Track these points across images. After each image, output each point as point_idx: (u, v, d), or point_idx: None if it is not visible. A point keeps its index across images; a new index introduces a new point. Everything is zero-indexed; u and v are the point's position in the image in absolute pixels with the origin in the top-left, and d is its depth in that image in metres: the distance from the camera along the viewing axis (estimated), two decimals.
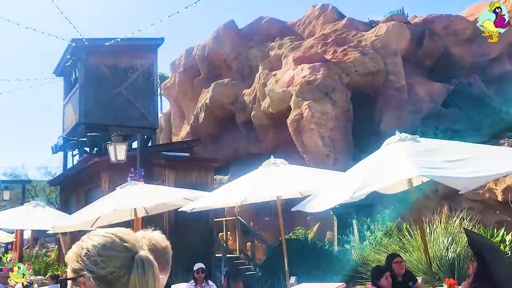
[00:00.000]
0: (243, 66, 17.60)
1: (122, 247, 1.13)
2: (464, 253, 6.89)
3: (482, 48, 17.32)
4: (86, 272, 1.10)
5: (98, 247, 1.12)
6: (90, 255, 1.11)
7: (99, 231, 1.20)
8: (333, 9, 17.16)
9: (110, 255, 1.11)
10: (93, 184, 12.50)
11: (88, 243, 1.15)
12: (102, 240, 1.14)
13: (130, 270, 1.10)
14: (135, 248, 1.14)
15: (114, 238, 1.14)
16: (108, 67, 15.55)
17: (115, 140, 9.57)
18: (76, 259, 1.14)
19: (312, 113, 11.07)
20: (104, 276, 1.09)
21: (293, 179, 5.19)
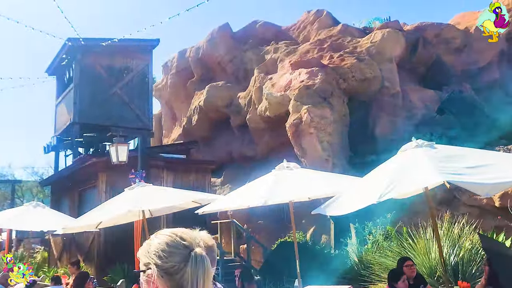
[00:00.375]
0: (238, 69, 17.66)
1: (181, 245, 1.33)
2: (467, 257, 7.05)
3: (472, 56, 17.68)
4: (153, 265, 1.30)
5: (162, 245, 1.32)
6: (156, 251, 1.32)
7: (164, 231, 1.40)
8: (327, 14, 17.35)
9: (171, 252, 1.31)
10: (89, 185, 12.40)
11: (154, 241, 1.35)
12: (165, 238, 1.34)
13: (189, 263, 1.30)
14: (192, 246, 1.34)
15: (175, 237, 1.34)
16: (104, 67, 15.46)
17: (117, 141, 9.52)
18: (145, 254, 1.35)
19: (312, 118, 11.19)
20: (167, 269, 1.29)
21: (310, 182, 5.28)
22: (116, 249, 11.38)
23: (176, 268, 1.29)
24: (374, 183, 4.42)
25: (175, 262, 1.29)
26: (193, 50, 19.51)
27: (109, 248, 11.66)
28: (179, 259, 1.30)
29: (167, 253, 1.30)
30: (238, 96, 16.51)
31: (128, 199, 6.74)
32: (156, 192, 7.05)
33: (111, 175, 11.94)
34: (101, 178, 11.87)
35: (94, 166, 11.93)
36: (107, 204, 7.28)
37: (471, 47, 17.65)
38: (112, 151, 9.55)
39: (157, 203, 6.79)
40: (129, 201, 6.74)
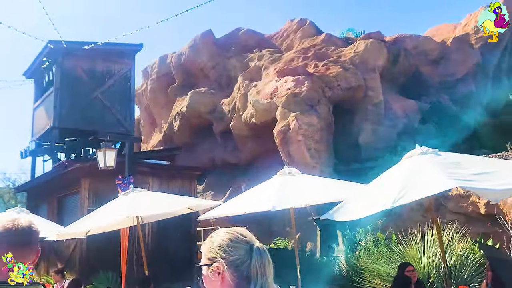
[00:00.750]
0: (221, 76, 17.63)
1: (243, 240, 1.51)
2: (459, 263, 7.20)
3: (449, 68, 18.18)
4: (220, 259, 1.47)
5: (226, 241, 1.50)
6: (221, 246, 1.49)
7: (222, 230, 1.58)
8: (310, 24, 17.57)
9: (235, 246, 1.49)
10: (71, 191, 12.08)
11: (217, 238, 1.53)
12: (228, 235, 1.52)
13: (251, 256, 1.47)
14: (252, 241, 1.52)
15: (236, 234, 1.53)
16: (85, 71, 15.16)
17: (104, 146, 9.32)
18: (210, 250, 1.52)
19: (300, 125, 11.26)
20: (233, 261, 1.47)
21: (316, 187, 5.29)
22: (99, 257, 11.11)
23: (241, 260, 1.47)
24: (384, 188, 4.47)
25: (240, 255, 1.47)
26: (175, 56, 19.38)
27: (92, 256, 11.38)
28: (243, 253, 1.47)
29: (232, 247, 1.48)
30: (222, 102, 16.47)
31: (124, 204, 6.59)
32: (152, 198, 6.93)
33: (94, 181, 11.70)
34: (84, 184, 11.60)
35: (77, 172, 11.65)
36: (102, 209, 7.09)
37: (448, 59, 18.16)
38: (100, 156, 9.35)
39: (154, 208, 6.67)
40: (126, 206, 6.59)
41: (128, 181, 9.70)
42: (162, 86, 20.50)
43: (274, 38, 18.47)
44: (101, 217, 6.74)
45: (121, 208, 6.63)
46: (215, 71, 17.90)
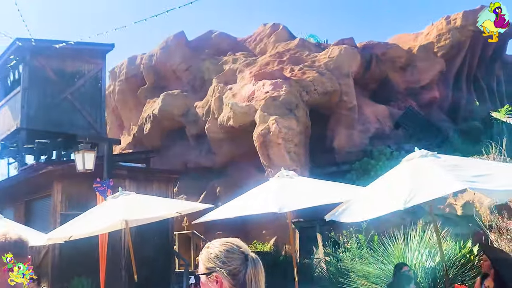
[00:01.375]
0: (195, 78, 17.47)
1: (239, 251, 1.63)
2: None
3: (414, 75, 18.78)
4: (218, 268, 1.59)
5: (223, 252, 1.62)
6: (219, 257, 1.60)
7: (217, 241, 1.70)
8: (284, 28, 17.72)
9: (232, 257, 1.61)
10: (41, 194, 11.59)
11: (215, 249, 1.64)
12: (224, 247, 1.64)
13: (246, 265, 1.60)
14: (247, 252, 1.64)
15: (232, 245, 1.65)
16: (54, 71, 14.67)
17: (83, 148, 9.01)
18: (208, 260, 1.63)
19: (280, 128, 11.31)
20: (230, 270, 1.58)
21: (317, 189, 5.32)
22: (74, 263, 10.71)
23: (237, 269, 1.60)
24: (392, 190, 4.55)
25: (236, 265, 1.60)
26: (146, 57, 19.04)
27: (66, 262, 10.94)
28: (239, 263, 1.60)
29: (229, 258, 1.61)
30: (195, 105, 16.31)
31: (114, 207, 6.38)
32: (142, 201, 6.74)
33: (68, 184, 11.28)
34: (57, 188, 11.14)
35: (49, 175, 11.18)
36: (90, 213, 6.83)
37: (415, 66, 18.75)
38: (78, 158, 9.03)
39: (146, 212, 6.50)
40: (117, 210, 6.37)
41: (108, 185, 9.44)
42: (131, 88, 20.08)
43: (247, 41, 18.50)
44: (91, 221, 6.50)
45: (112, 212, 6.42)
46: (188, 73, 17.71)
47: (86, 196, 11.39)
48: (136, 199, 6.66)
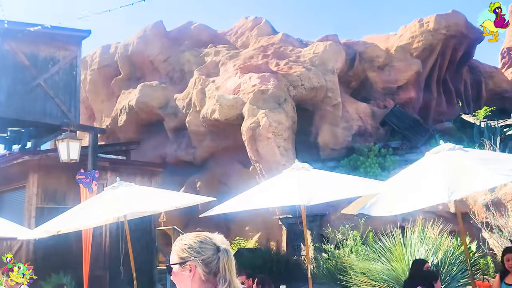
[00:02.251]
0: (173, 70, 16.93)
1: (211, 242, 1.74)
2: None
3: (392, 75, 18.97)
4: (193, 258, 1.70)
5: (197, 243, 1.73)
6: (193, 247, 1.72)
7: (190, 234, 1.81)
8: (266, 22, 17.46)
9: (205, 247, 1.72)
10: (14, 185, 10.82)
11: (189, 241, 1.75)
12: (198, 238, 1.76)
13: (219, 256, 1.71)
14: (218, 243, 1.75)
15: (205, 237, 1.76)
16: (27, 56, 13.76)
17: (68, 136, 8.41)
18: (182, 250, 1.74)
19: (270, 122, 11.04)
20: (204, 259, 1.70)
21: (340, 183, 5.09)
22: (50, 259, 10.06)
23: (210, 259, 1.70)
24: (428, 182, 4.36)
25: (210, 255, 1.71)
26: (121, 46, 18.30)
27: (41, 258, 10.25)
28: (212, 253, 1.71)
29: (203, 248, 1.72)
30: (175, 97, 15.79)
31: (114, 199, 5.90)
32: (142, 193, 6.28)
33: (44, 176, 10.58)
34: (33, 179, 10.42)
35: (24, 165, 10.45)
36: (87, 204, 6.30)
37: (392, 66, 18.94)
38: (62, 147, 8.43)
39: (146, 205, 6.05)
40: (116, 201, 5.89)
41: (93, 176, 8.89)
42: (104, 78, 19.30)
43: (228, 34, 18.11)
44: (89, 213, 5.99)
45: (111, 204, 5.93)
46: (166, 64, 17.16)
47: (64, 188, 10.78)
48: (136, 191, 6.20)
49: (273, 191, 5.05)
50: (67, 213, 6.23)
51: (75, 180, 11.07)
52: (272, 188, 5.15)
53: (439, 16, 19.16)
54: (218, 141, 14.23)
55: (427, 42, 18.64)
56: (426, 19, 19.61)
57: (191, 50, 16.74)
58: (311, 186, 4.89)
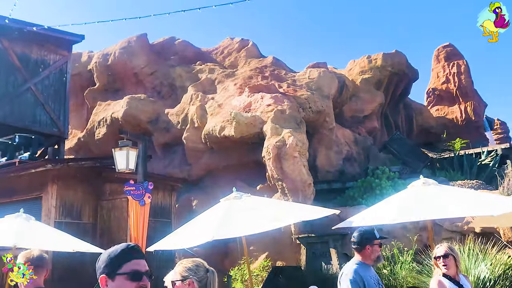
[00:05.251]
0: (161, 84, 16.45)
1: (203, 265, 2.46)
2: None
3: (358, 105, 20.15)
4: (192, 277, 2.39)
5: (194, 266, 2.44)
6: (192, 269, 2.42)
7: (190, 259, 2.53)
8: (254, 45, 17.73)
9: (199, 269, 2.43)
10: (29, 196, 9.70)
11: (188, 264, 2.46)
12: (195, 263, 2.47)
13: (207, 275, 2.43)
14: (207, 267, 2.48)
15: (199, 262, 2.49)
16: (19, 57, 12.74)
17: (127, 144, 7.88)
18: (184, 271, 2.42)
19: (296, 142, 11.23)
20: (198, 277, 2.40)
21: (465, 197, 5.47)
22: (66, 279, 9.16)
23: (202, 277, 2.41)
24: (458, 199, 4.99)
25: (202, 275, 2.41)
26: (100, 55, 17.41)
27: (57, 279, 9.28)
28: (203, 273, 2.42)
29: (198, 270, 2.42)
30: (167, 112, 15.32)
31: (227, 213, 5.53)
32: (261, 206, 6.00)
33: (62, 187, 9.71)
34: (51, 190, 9.49)
35: (43, 175, 9.50)
36: (200, 220, 5.92)
37: (359, 97, 20.14)
38: (120, 156, 7.86)
39: (268, 220, 5.77)
40: (231, 216, 5.57)
41: (146, 188, 8.36)
42: (73, 87, 18.07)
43: (214, 53, 18.08)
44: (204, 228, 5.64)
45: (227, 218, 5.65)
46: (153, 78, 16.62)
47: (80, 202, 10.01)
48: (253, 203, 5.93)
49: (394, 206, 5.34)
50: (181, 229, 5.87)
51: (90, 194, 10.34)
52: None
53: (385, 54, 20.70)
54: (218, 159, 14.02)
55: (376, 77, 19.94)
56: (374, 56, 21.04)
57: (182, 66, 16.44)
58: (419, 202, 5.24)
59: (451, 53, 26.96)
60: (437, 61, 27.66)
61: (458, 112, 26.27)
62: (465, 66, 26.09)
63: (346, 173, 14.98)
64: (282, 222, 5.09)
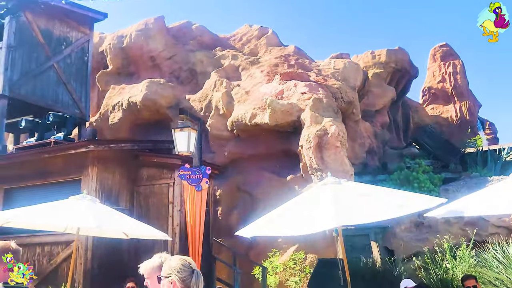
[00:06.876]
0: (180, 69, 15.84)
1: (189, 266, 2.45)
2: None
3: (370, 99, 19.98)
4: (174, 275, 2.41)
5: (179, 265, 2.44)
6: (176, 268, 2.43)
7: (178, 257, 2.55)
8: (274, 33, 17.28)
9: (184, 269, 2.42)
10: (66, 178, 9.05)
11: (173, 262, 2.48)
12: (180, 261, 2.47)
13: (192, 276, 2.41)
14: (194, 267, 2.47)
15: (184, 261, 2.47)
16: (42, 32, 12.02)
17: (188, 125, 7.37)
18: (169, 268, 2.45)
19: (338, 131, 10.89)
20: (182, 278, 2.39)
21: None
22: (110, 270, 8.61)
23: (186, 278, 2.39)
24: None
25: (187, 275, 2.40)
26: (114, 37, 16.66)
27: (97, 269, 8.72)
28: (188, 274, 2.40)
29: (182, 270, 2.41)
30: (188, 98, 14.76)
31: (324, 201, 5.09)
32: (361, 194, 5.54)
33: (102, 170, 9.12)
34: (92, 173, 8.89)
35: (84, 156, 8.89)
36: (297, 204, 5.47)
37: (371, 91, 19.96)
38: (182, 137, 7.34)
39: (372, 211, 5.30)
40: (328, 204, 5.08)
41: (203, 173, 7.89)
42: None
43: (231, 40, 17.54)
44: (299, 216, 5.19)
45: (323, 207, 5.20)
46: (171, 62, 16.00)
47: (117, 187, 9.44)
48: (361, 189, 5.53)
49: None
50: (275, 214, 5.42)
51: (127, 179, 9.81)
52: None
53: (389, 50, 20.56)
54: (244, 147, 13.56)
55: (377, 73, 19.78)
56: (378, 52, 20.86)
57: (203, 51, 15.88)
58: None
59: (448, 53, 27.04)
60: (433, 60, 27.71)
61: (453, 111, 26.32)
62: (461, 66, 26.24)
63: (368, 166, 14.74)
64: (407, 209, 4.71)
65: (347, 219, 4.64)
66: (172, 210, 9.35)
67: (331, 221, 4.51)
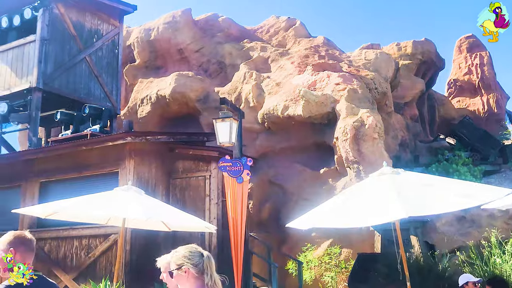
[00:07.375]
0: (209, 62, 15.69)
1: (196, 251, 2.48)
2: None
3: (399, 92, 19.56)
4: (186, 263, 2.41)
5: (187, 252, 2.46)
6: (186, 256, 2.44)
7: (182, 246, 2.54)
8: (302, 24, 16.99)
9: (194, 255, 2.45)
10: (103, 171, 8.97)
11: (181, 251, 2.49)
12: (188, 249, 2.49)
13: (203, 259, 2.43)
14: (201, 250, 2.50)
15: (191, 248, 2.49)
16: (74, 24, 11.94)
17: (232, 116, 7.18)
18: (178, 259, 2.45)
19: (376, 122, 10.60)
20: (194, 263, 2.41)
21: None
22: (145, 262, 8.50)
23: (198, 263, 2.41)
24: None
25: (198, 259, 2.42)
26: (141, 30, 16.59)
27: (135, 261, 8.63)
28: (199, 258, 2.43)
29: (192, 256, 2.43)
30: (217, 91, 14.60)
31: (382, 191, 4.83)
32: (422, 184, 5.18)
33: (139, 162, 9.01)
34: (129, 165, 8.78)
35: (121, 148, 8.79)
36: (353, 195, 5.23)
37: (400, 83, 19.54)
38: (223, 127, 7.15)
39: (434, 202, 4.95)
40: (387, 194, 4.80)
41: (245, 164, 7.69)
42: None
43: (258, 32, 17.31)
44: (356, 206, 4.94)
45: (382, 197, 4.92)
46: (199, 55, 15.86)
47: (154, 179, 9.31)
48: (423, 179, 5.23)
49: None
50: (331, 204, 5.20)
51: (162, 172, 9.68)
52: None
53: (415, 42, 20.05)
54: (275, 140, 13.35)
55: (405, 65, 19.31)
56: (404, 44, 20.36)
57: (231, 43, 15.69)
58: None
59: (474, 44, 26.32)
60: (459, 52, 27.02)
61: (480, 104, 25.67)
62: (488, 57, 25.53)
63: (401, 159, 14.39)
64: (475, 199, 4.43)
65: (416, 209, 4.39)
66: (209, 203, 9.21)
67: (400, 212, 4.27)
